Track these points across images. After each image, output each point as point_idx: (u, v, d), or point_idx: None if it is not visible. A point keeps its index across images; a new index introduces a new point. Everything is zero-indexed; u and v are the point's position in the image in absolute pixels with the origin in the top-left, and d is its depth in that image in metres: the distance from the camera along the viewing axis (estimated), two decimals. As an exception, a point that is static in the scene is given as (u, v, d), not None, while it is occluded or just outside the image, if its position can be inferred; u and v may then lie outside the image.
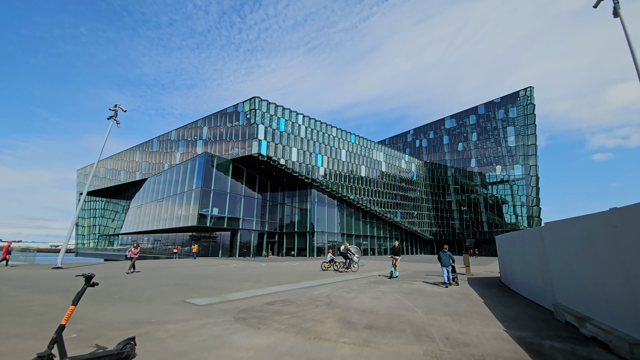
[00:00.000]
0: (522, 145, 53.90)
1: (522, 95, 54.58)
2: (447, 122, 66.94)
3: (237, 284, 11.56)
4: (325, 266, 18.21)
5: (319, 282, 12.61)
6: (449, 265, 12.08)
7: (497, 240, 14.62)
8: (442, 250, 12.50)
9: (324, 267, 18.21)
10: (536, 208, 50.91)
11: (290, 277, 14.12)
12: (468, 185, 62.43)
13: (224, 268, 19.16)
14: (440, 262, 12.21)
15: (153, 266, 19.83)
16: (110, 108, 19.88)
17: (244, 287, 10.60)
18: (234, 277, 14.00)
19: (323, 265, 18.27)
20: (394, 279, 14.22)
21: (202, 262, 25.22)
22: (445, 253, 12.35)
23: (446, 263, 12.09)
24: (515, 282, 10.87)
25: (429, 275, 16.12)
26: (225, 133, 37.71)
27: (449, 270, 12.03)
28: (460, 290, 11.08)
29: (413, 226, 59.42)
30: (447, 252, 12.41)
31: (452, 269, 12.26)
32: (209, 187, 33.69)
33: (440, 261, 12.21)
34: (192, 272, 16.08)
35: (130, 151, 53.43)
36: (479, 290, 11.02)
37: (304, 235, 40.94)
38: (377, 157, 53.73)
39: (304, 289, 10.44)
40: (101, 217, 64.73)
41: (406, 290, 10.57)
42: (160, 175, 42.99)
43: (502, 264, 13.78)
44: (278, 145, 36.77)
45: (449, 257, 12.29)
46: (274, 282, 12.29)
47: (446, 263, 12.09)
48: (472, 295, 9.87)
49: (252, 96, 35.25)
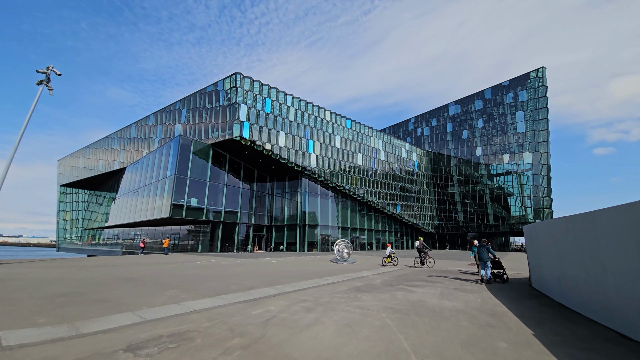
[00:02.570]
0: (532, 131, 49.78)
1: (533, 77, 50.23)
2: (450, 108, 62.70)
3: (154, 295, 7.95)
4: (386, 261, 17.93)
5: (280, 289, 8.99)
6: (487, 260, 10.86)
7: (526, 231, 10.94)
8: (480, 244, 11.15)
9: (384, 262, 17.94)
10: (547, 199, 47.07)
11: (248, 281, 10.53)
12: (472, 176, 58.53)
13: (182, 267, 15.59)
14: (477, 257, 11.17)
15: (87, 265, 16.27)
16: (39, 70, 16.12)
17: (155, 302, 7.00)
18: (171, 281, 10.42)
19: (383, 261, 18.01)
20: (382, 285, 10.61)
21: (167, 258, 21.71)
22: (483, 247, 10.95)
23: (485, 258, 10.85)
24: (568, 293, 7.20)
25: (433, 276, 12.49)
26: (205, 115, 33.88)
27: (488, 266, 10.89)
28: (482, 303, 7.43)
29: (414, 219, 55.78)
30: (486, 246, 10.98)
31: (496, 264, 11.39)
32: (184, 174, 30.02)
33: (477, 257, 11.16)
34: (122, 273, 12.50)
35: (108, 139, 49.63)
36: (511, 304, 7.37)
37: (294, 228, 37.39)
38: (376, 145, 49.83)
39: (243, 305, 6.82)
40: (84, 210, 61.34)
41: (401, 306, 6.93)
42: (137, 163, 39.34)
43: (535, 263, 10.10)
44: (263, 129, 32.95)
45: (488, 250, 10.93)
46: (214, 290, 8.68)
47: (485, 258, 10.85)
48: (504, 316, 6.22)
49: (233, 72, 31.32)
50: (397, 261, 18.72)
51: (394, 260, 18.37)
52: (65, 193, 62.02)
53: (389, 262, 18.07)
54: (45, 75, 16.36)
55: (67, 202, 61.78)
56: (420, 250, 17.19)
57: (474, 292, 9.13)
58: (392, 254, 18.39)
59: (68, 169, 59.67)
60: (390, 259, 18.15)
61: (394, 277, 12.37)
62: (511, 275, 13.95)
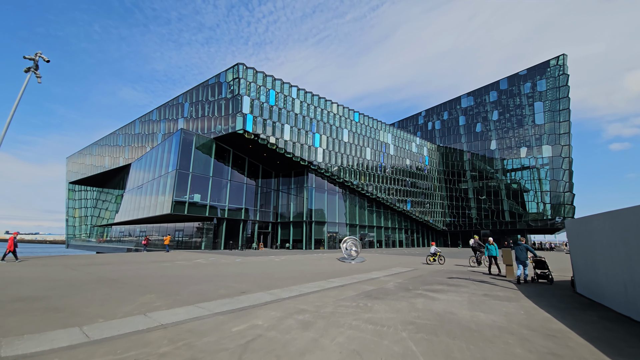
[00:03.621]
0: (552, 123, 46.92)
1: (554, 65, 47.26)
2: (463, 100, 60.05)
3: (124, 301, 6.69)
4: (430, 260, 17.36)
5: (277, 294, 7.62)
6: (526, 259, 10.18)
7: (571, 226, 9.25)
8: (517, 243, 10.39)
9: (429, 261, 17.36)
10: (569, 195, 44.33)
11: (242, 284, 9.22)
12: (487, 171, 55.96)
13: (177, 266, 14.45)
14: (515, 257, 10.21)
15: (77, 263, 15.30)
16: (26, 56, 15.16)
17: (118, 312, 5.73)
18: (155, 283, 9.20)
19: (428, 260, 17.42)
20: (397, 289, 9.11)
21: (166, 256, 20.71)
22: (520, 246, 10.22)
23: (523, 258, 10.13)
24: (642, 304, 5.56)
25: (453, 278, 10.90)
26: (208, 108, 32.81)
27: (526, 266, 10.23)
28: (528, 317, 5.87)
29: (425, 216, 53.73)
30: (524, 245, 10.24)
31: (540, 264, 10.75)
32: (186, 169, 29.05)
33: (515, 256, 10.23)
34: (107, 273, 11.38)
35: (114, 135, 49.33)
36: (566, 319, 5.78)
37: (300, 225, 36.10)
38: (385, 140, 47.96)
39: (225, 316, 5.47)
40: (93, 207, 61.65)
41: (424, 320, 5.45)
42: (141, 159, 38.71)
43: (584, 264, 8.42)
44: (267, 122, 31.65)
45: (527, 250, 10.22)
46: (197, 295, 7.38)
47: (523, 258, 10.13)
48: (566, 338, 4.67)
49: (236, 63, 30.06)
50: (444, 260, 18.10)
51: (440, 259, 17.72)
52: (74, 190, 62.48)
53: (433, 260, 17.50)
54: (34, 61, 15.40)
55: (75, 200, 62.24)
56: (475, 249, 16.37)
57: (510, 299, 7.56)
58: (438, 253, 17.73)
59: (76, 166, 59.98)
60: (434, 258, 17.55)
61: (409, 279, 10.86)
62: (543, 277, 12.23)
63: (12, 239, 14.98)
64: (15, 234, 15.55)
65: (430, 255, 17.74)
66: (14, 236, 15.20)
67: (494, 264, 13.04)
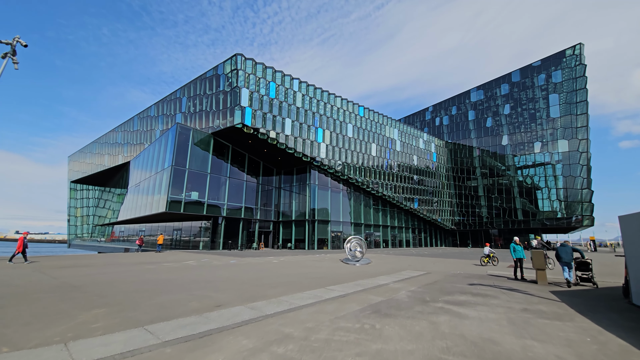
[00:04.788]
0: (568, 115, 44.39)
1: (570, 55, 44.69)
2: (472, 94, 57.69)
3: (57, 320, 5.20)
4: (484, 261, 16.86)
5: (260, 309, 6.04)
6: (571, 262, 9.55)
7: (628, 223, 7.48)
8: (562, 244, 9.78)
9: (483, 262, 16.84)
10: (587, 192, 41.84)
11: (223, 293, 7.69)
12: (498, 168, 53.58)
13: (161, 268, 13.02)
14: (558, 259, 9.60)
15: (54, 265, 13.97)
16: (3, 41, 13.89)
17: (31, 338, 4.21)
18: (120, 291, 7.71)
19: (482, 261, 16.93)
20: (412, 301, 7.45)
21: (156, 257, 19.36)
22: (566, 247, 9.62)
23: (568, 259, 9.50)
24: None
25: (475, 284, 9.17)
26: (206, 102, 31.45)
27: (570, 267, 9.55)
28: (601, 347, 4.17)
29: (433, 215, 51.66)
30: (568, 246, 9.65)
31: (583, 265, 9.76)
32: (183, 165, 27.72)
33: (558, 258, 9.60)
34: (75, 279, 9.97)
35: (113, 133, 48.41)
36: None
37: (303, 224, 34.55)
38: (391, 135, 46.07)
39: (174, 349, 3.90)
40: (95, 206, 61.09)
41: (457, 355, 3.79)
42: (139, 156, 37.60)
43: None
44: (267, 115, 30.14)
45: (571, 251, 9.58)
46: (158, 311, 5.84)
47: (568, 259, 9.50)
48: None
49: (234, 53, 28.62)
50: (497, 261, 17.49)
51: (494, 260, 17.22)
52: (76, 189, 61.99)
53: (488, 262, 16.90)
54: (11, 46, 14.12)
55: (77, 199, 61.72)
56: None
57: (560, 317, 5.84)
58: (492, 254, 17.17)
59: (77, 165, 59.43)
60: (489, 259, 16.97)
61: (424, 287, 9.18)
62: (583, 283, 10.41)
63: (22, 239, 13.75)
64: (25, 234, 14.26)
65: (484, 256, 17.19)
66: (23, 236, 13.95)
67: (519, 267, 11.28)
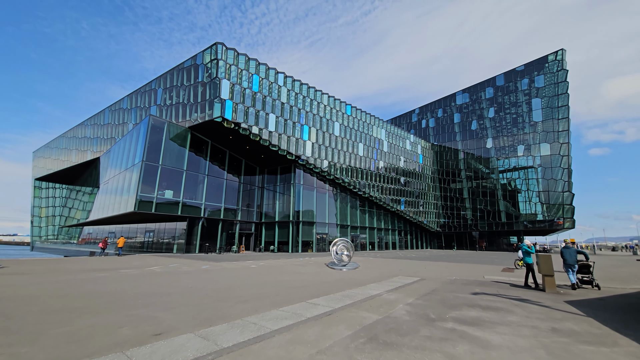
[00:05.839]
0: (550, 120, 45.22)
1: (552, 60, 45.64)
2: (458, 97, 58.10)
3: None
4: (519, 264, 16.36)
5: (213, 341, 4.43)
6: (575, 263, 9.29)
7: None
8: (565, 246, 9.46)
9: (517, 265, 16.48)
10: (568, 194, 42.60)
11: (173, 313, 6.00)
12: (482, 170, 54.03)
13: (116, 276, 11.04)
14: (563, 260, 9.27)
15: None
16: None
17: None
18: (33, 310, 5.85)
19: (516, 264, 16.58)
20: (414, 321, 6.05)
21: (117, 262, 17.13)
22: (570, 249, 9.35)
23: (573, 261, 9.27)
24: None
25: (480, 294, 7.94)
26: (183, 94, 29.23)
27: (574, 270, 9.31)
28: None
29: (419, 217, 51.25)
30: (573, 248, 9.39)
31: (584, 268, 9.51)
32: (155, 161, 25.40)
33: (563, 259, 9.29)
34: (1, 292, 7.93)
35: (82, 126, 44.71)
36: None
37: (287, 226, 32.84)
38: (379, 135, 45.27)
39: None
40: (62, 206, 56.53)
41: None
42: (109, 152, 34.64)
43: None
44: (250, 110, 28.34)
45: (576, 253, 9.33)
46: (64, 347, 4.11)
47: (573, 261, 9.27)
48: None
49: (214, 42, 26.67)
50: None
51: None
52: (41, 188, 57.12)
53: (522, 265, 16.16)
54: None
55: (42, 198, 56.85)
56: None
57: (601, 340, 4.60)
58: None
59: (42, 161, 54.75)
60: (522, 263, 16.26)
61: (423, 298, 7.83)
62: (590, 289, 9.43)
63: None
64: None
65: (519, 259, 16.47)
66: None
67: (532, 273, 10.04)
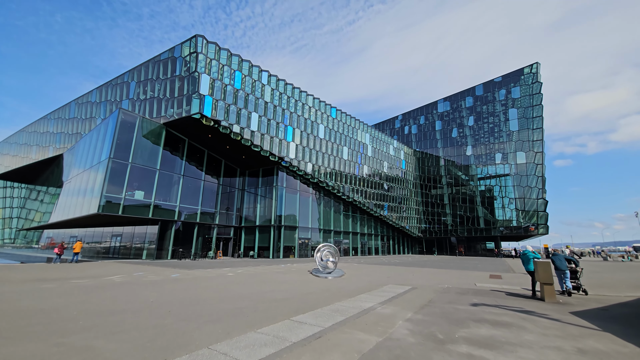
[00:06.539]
0: (526, 129, 47.14)
1: (527, 73, 47.80)
2: (440, 105, 59.49)
3: None
4: None
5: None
6: (566, 269, 9.15)
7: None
8: (553, 254, 9.48)
9: None
10: (542, 201, 44.29)
11: (118, 342, 4.75)
12: (462, 177, 55.31)
13: (62, 289, 9.39)
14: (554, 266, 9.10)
15: None
16: None
17: None
18: None
19: None
20: (419, 345, 5.17)
21: (71, 271, 15.14)
22: (558, 256, 9.29)
23: (563, 267, 9.16)
24: None
25: (481, 305, 7.25)
26: (159, 88, 27.36)
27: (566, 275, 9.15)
28: None
29: (401, 222, 51.38)
30: (561, 255, 9.35)
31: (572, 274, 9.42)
32: (124, 159, 23.33)
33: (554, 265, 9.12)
34: None
35: (44, 120, 41.01)
36: None
37: (268, 230, 31.43)
38: (363, 140, 45.07)
39: None
40: (21, 207, 51.57)
41: None
42: (74, 148, 31.77)
43: None
44: (231, 107, 26.96)
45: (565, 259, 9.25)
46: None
47: (563, 267, 9.16)
48: None
49: (194, 34, 25.19)
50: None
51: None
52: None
53: None
54: None
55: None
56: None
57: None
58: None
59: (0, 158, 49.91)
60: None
61: (423, 312, 7.00)
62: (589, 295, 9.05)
63: None
64: None
65: None
66: None
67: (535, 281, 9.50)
